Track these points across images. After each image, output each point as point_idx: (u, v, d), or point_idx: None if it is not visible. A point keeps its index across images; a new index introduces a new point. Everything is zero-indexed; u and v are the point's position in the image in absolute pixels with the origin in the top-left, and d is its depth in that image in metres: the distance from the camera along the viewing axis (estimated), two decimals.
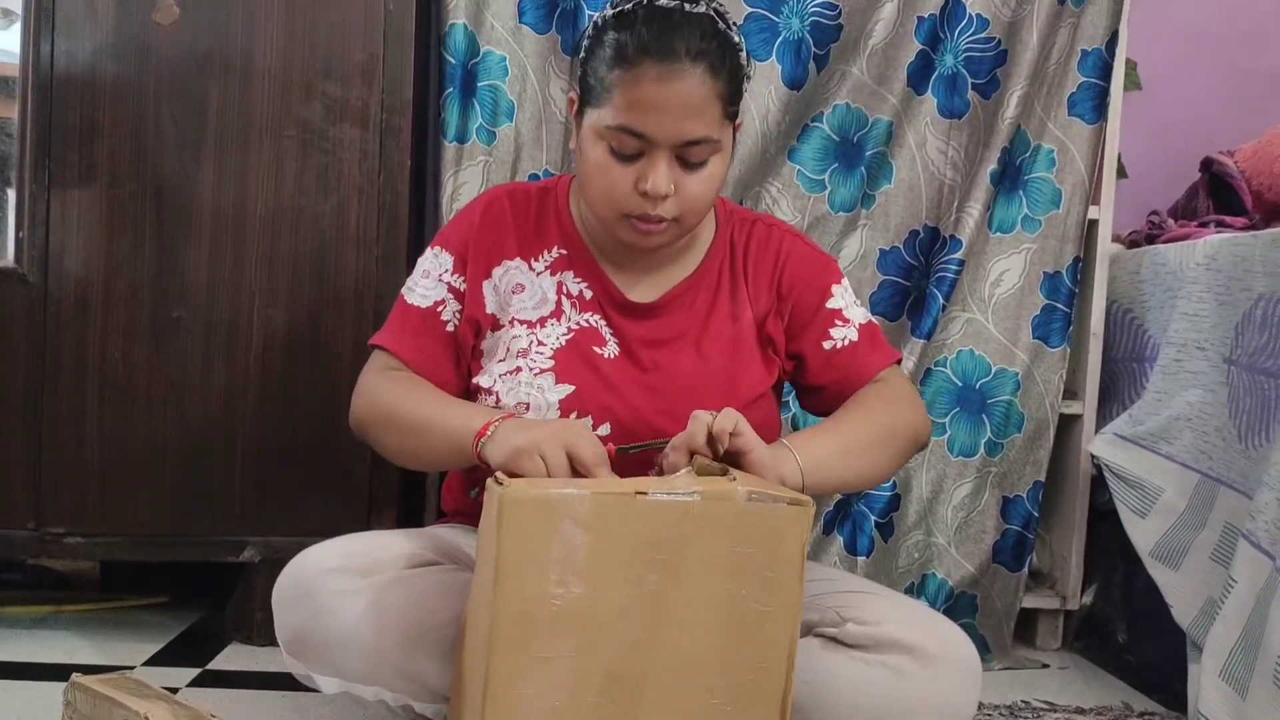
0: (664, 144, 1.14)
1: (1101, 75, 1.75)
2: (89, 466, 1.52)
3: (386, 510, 1.57)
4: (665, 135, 1.14)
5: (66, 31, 1.48)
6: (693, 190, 1.17)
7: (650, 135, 1.14)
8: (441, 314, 1.25)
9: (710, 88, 1.15)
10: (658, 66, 1.13)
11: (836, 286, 1.32)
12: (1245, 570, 1.26)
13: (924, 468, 1.77)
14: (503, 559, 0.92)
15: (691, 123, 1.14)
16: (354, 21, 1.52)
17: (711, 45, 1.15)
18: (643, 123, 1.13)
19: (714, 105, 1.16)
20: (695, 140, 1.15)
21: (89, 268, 1.51)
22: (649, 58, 1.13)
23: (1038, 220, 1.76)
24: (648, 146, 1.14)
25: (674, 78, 1.13)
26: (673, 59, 1.13)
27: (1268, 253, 1.38)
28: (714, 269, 1.30)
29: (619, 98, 1.14)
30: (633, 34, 1.14)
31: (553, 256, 1.27)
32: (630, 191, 1.16)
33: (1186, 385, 1.55)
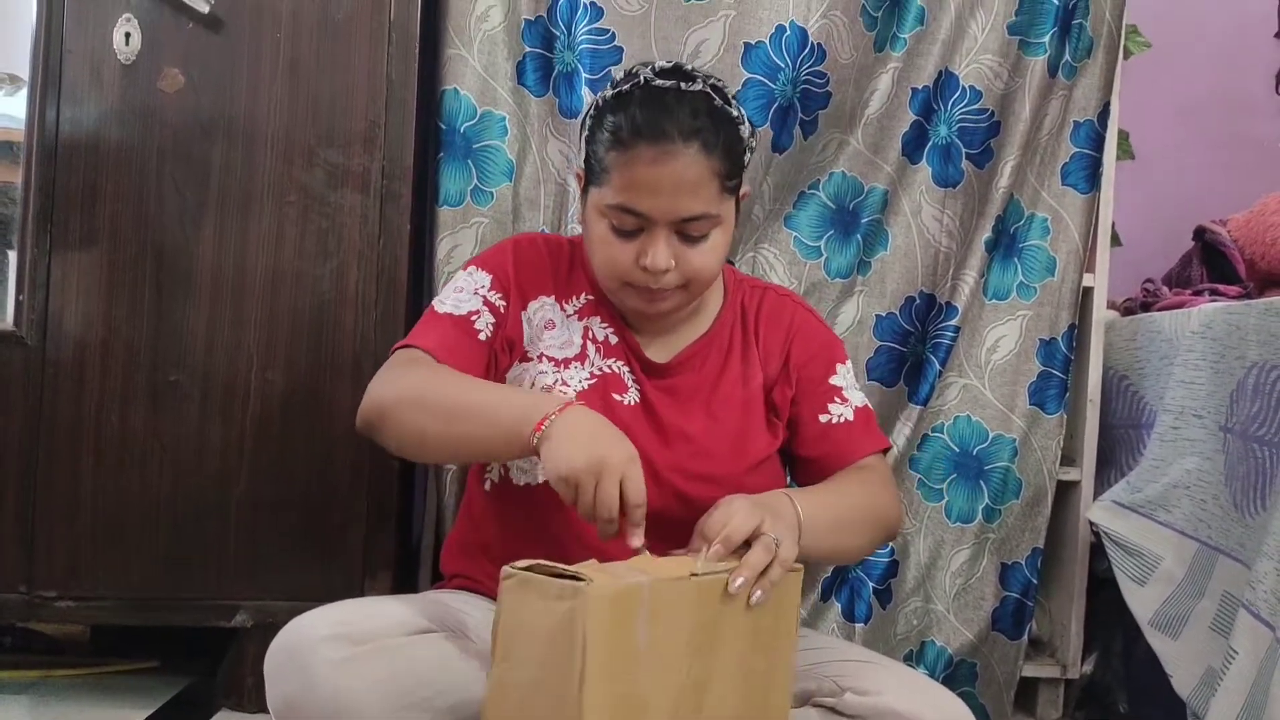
0: (661, 221, 1.17)
1: (1094, 146, 1.77)
2: (82, 530, 1.51)
3: (382, 574, 1.56)
4: (661, 214, 1.17)
5: (72, 98, 1.50)
6: (695, 262, 1.19)
7: (647, 214, 1.17)
8: (475, 323, 1.25)
9: (705, 166, 1.17)
10: (651, 149, 1.16)
11: (841, 366, 1.35)
12: (1246, 641, 1.25)
13: (921, 534, 1.76)
14: (591, 658, 0.90)
15: (686, 200, 1.17)
16: (357, 89, 1.54)
17: (706, 123, 1.18)
18: (639, 202, 1.16)
19: (710, 182, 1.18)
20: (692, 217, 1.17)
21: (87, 331, 1.51)
22: (642, 140, 1.16)
23: (1033, 287, 1.77)
24: (646, 224, 1.17)
25: (667, 159, 1.16)
26: (665, 140, 1.16)
27: (1261, 321, 1.39)
28: (725, 332, 1.32)
29: (616, 178, 1.17)
30: (627, 116, 1.17)
31: (582, 302, 1.30)
32: (632, 266, 1.19)
33: (1184, 453, 1.55)
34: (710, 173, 1.18)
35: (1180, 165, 2.44)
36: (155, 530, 1.53)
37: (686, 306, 1.26)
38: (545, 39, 1.68)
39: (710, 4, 1.64)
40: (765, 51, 1.64)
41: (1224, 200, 2.16)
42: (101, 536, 1.52)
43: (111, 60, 1.50)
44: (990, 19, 1.72)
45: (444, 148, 1.65)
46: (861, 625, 1.74)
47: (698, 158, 1.17)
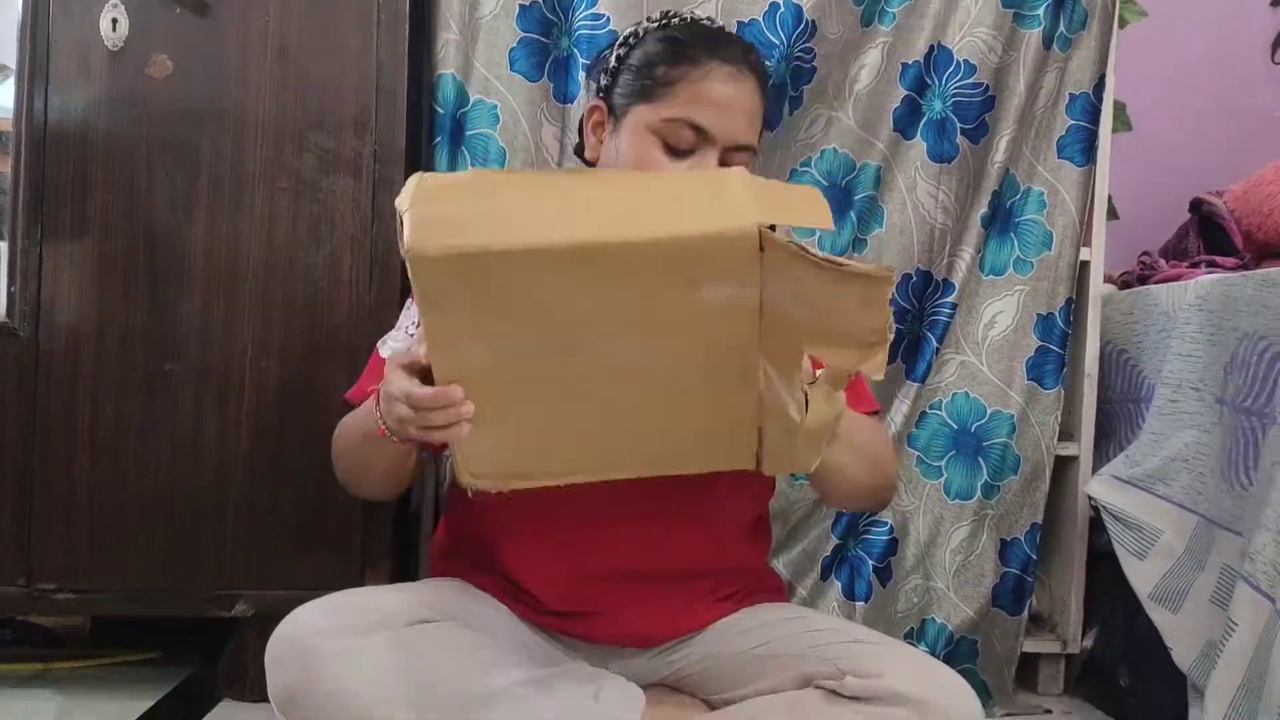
0: (720, 142, 1.17)
1: (1090, 119, 1.76)
2: (80, 521, 1.51)
3: (381, 564, 1.56)
4: (724, 133, 1.16)
5: (60, 87, 1.49)
6: None
7: (711, 130, 1.16)
8: None
9: (760, 101, 1.20)
10: (726, 67, 1.17)
11: None
12: (1245, 613, 1.25)
13: (920, 511, 1.77)
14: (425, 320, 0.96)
15: (746, 127, 1.18)
16: (346, 74, 1.53)
17: (762, 65, 1.23)
18: (706, 117, 1.16)
19: (760, 117, 1.21)
20: (744, 145, 1.18)
21: (80, 321, 1.50)
22: (716, 58, 1.17)
23: (1029, 262, 1.77)
24: (702, 143, 1.17)
25: (740, 79, 1.18)
26: (738, 63, 1.18)
27: (1256, 293, 1.38)
28: None
29: (683, 92, 1.16)
30: (693, 37, 1.19)
31: None
32: None
33: (1182, 426, 1.55)
34: (761, 109, 1.21)
35: (1177, 136, 2.42)
36: (153, 521, 1.53)
37: None
38: (542, 25, 1.66)
39: None
40: (759, 29, 1.63)
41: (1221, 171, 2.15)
42: (100, 528, 1.52)
43: (99, 47, 1.49)
44: None
45: (439, 133, 1.64)
46: (862, 604, 1.74)
47: (757, 90, 1.20)
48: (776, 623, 1.24)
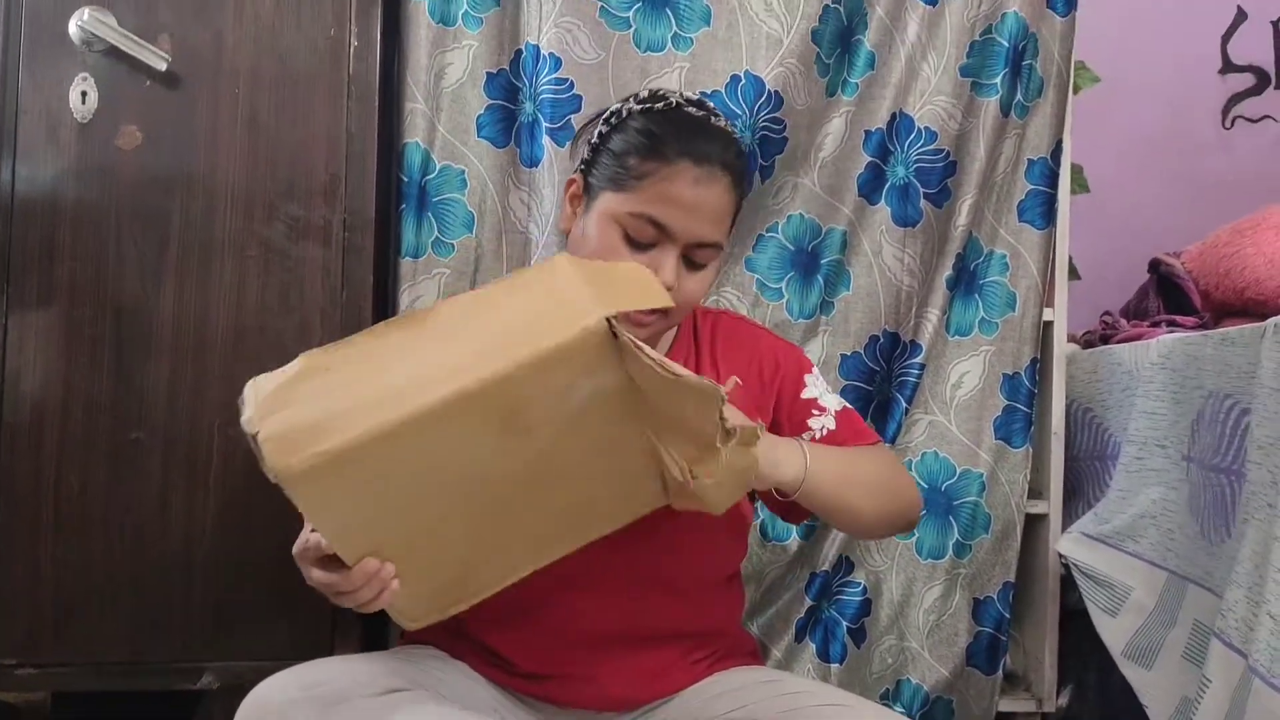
0: (680, 241, 1.18)
1: (1048, 183, 1.80)
2: (42, 595, 1.48)
3: (350, 632, 1.53)
4: (686, 233, 1.18)
5: (28, 157, 1.49)
6: (689, 289, 1.20)
7: (672, 230, 1.17)
8: None
9: (731, 198, 1.22)
10: (695, 169, 1.18)
11: (809, 375, 1.35)
12: (1219, 669, 1.25)
13: (893, 570, 1.77)
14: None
15: (710, 227, 1.19)
16: (316, 143, 1.54)
17: (736, 159, 1.23)
18: (669, 217, 1.17)
19: (729, 215, 1.23)
20: (708, 243, 1.19)
21: (46, 391, 1.49)
22: (687, 159, 1.18)
23: (994, 323, 1.79)
24: (663, 239, 1.18)
25: (709, 182, 1.18)
26: (709, 165, 1.19)
27: (1217, 351, 1.41)
28: (679, 359, 1.32)
29: (650, 189, 1.17)
30: (671, 131, 1.20)
31: None
32: None
33: (1149, 483, 1.56)
34: (732, 206, 1.23)
35: (1133, 198, 2.48)
36: (118, 592, 1.50)
37: (656, 338, 1.26)
38: (507, 91, 1.69)
39: (665, 56, 1.66)
40: (721, 100, 1.66)
41: (1177, 232, 2.20)
42: (63, 600, 1.49)
43: (68, 119, 1.49)
44: (942, 61, 1.75)
45: (405, 200, 1.66)
46: (837, 665, 1.74)
47: (730, 189, 1.21)
48: (751, 686, 1.23)
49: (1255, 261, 1.85)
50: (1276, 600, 1.14)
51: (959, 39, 1.75)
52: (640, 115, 1.23)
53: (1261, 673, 1.13)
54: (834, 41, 1.72)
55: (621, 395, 0.95)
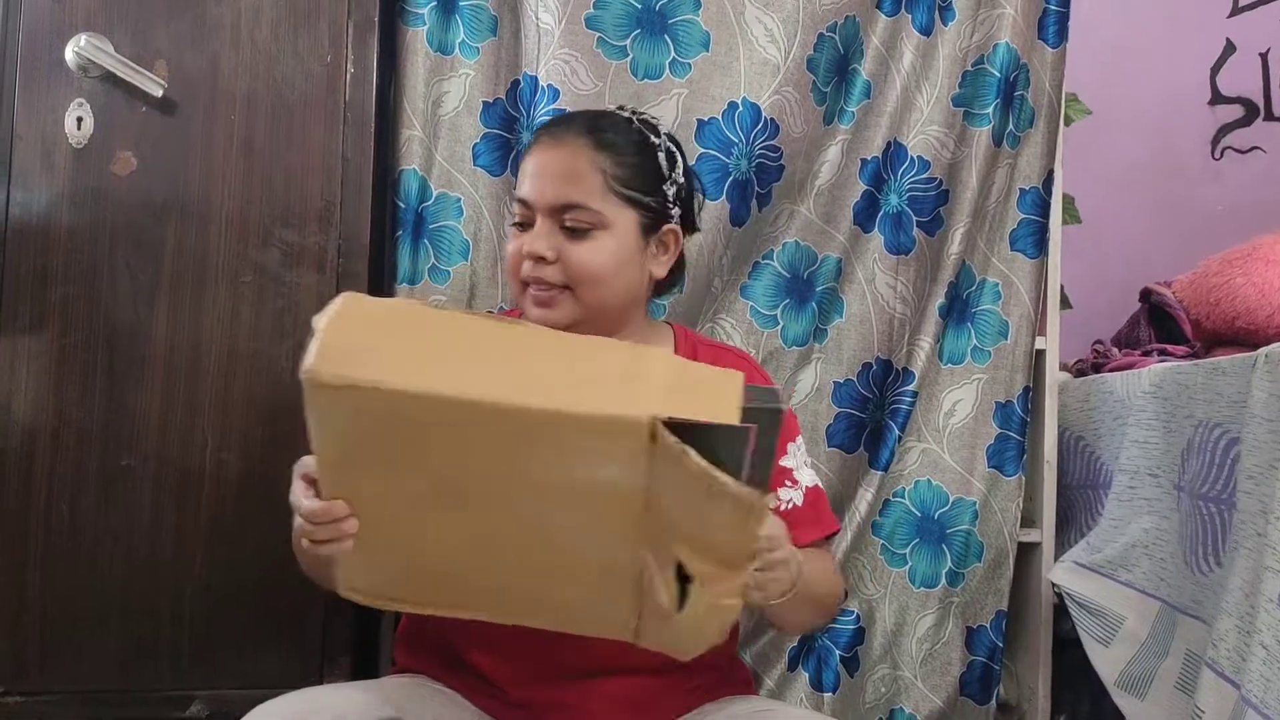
0: (542, 207, 1.22)
1: (1040, 212, 1.81)
2: (30, 623, 1.47)
3: (340, 659, 1.52)
4: (539, 198, 1.23)
5: (23, 182, 1.49)
6: (576, 258, 1.22)
7: (528, 199, 1.23)
8: None
9: (589, 158, 1.23)
10: (544, 138, 1.26)
11: (791, 444, 1.35)
12: (1211, 699, 1.25)
13: (886, 599, 1.76)
14: None
15: (564, 187, 1.22)
16: (312, 169, 1.55)
17: (606, 127, 1.26)
18: (524, 189, 1.24)
19: (592, 175, 1.22)
20: (569, 204, 1.21)
21: (37, 416, 1.48)
22: (541, 137, 1.27)
23: (987, 351, 1.80)
24: (530, 215, 1.23)
25: (554, 146, 1.24)
26: (559, 131, 1.25)
27: (1207, 380, 1.41)
28: None
29: (520, 174, 1.27)
30: (543, 125, 1.30)
31: None
32: (520, 258, 1.24)
33: (1141, 512, 1.56)
34: (594, 166, 1.23)
35: (1125, 228, 2.50)
36: (107, 621, 1.49)
37: (584, 318, 1.24)
38: (504, 120, 1.69)
39: (662, 83, 1.67)
40: (718, 127, 1.67)
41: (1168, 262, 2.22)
42: (51, 628, 1.48)
43: (63, 144, 1.50)
44: (935, 92, 1.76)
45: (401, 227, 1.66)
46: (830, 695, 1.73)
47: (583, 149, 1.23)
48: (744, 716, 1.22)
49: (1246, 291, 1.86)
50: (1269, 630, 1.14)
51: (951, 69, 1.77)
52: None
53: (1255, 704, 1.13)
54: (830, 70, 1.73)
55: (628, 501, 0.93)
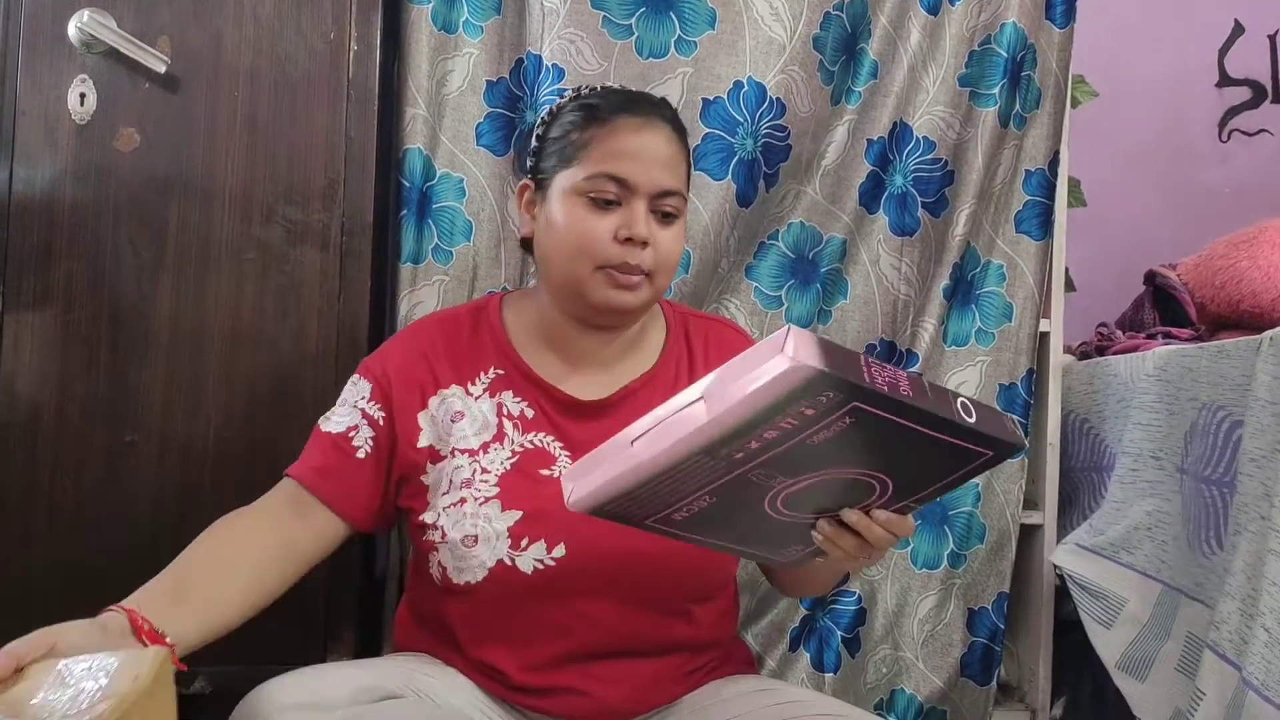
0: (642, 191, 1.19)
1: (1045, 194, 1.80)
2: (35, 597, 1.48)
3: (345, 636, 1.53)
4: (644, 181, 1.18)
5: (26, 159, 1.49)
6: (666, 244, 1.21)
7: (631, 180, 1.18)
8: (353, 439, 1.23)
9: (678, 145, 1.23)
10: (634, 119, 1.21)
11: None
12: (1212, 681, 1.25)
13: (889, 580, 1.76)
14: None
15: (666, 173, 1.20)
16: (316, 147, 1.54)
17: (673, 114, 1.26)
18: (622, 168, 1.18)
19: (680, 163, 1.23)
20: (669, 190, 1.20)
21: (41, 392, 1.49)
22: (624, 113, 1.21)
23: (990, 334, 1.79)
24: (626, 195, 1.19)
25: (650, 128, 1.21)
26: (646, 113, 1.22)
27: (1212, 364, 1.41)
28: (670, 367, 1.31)
29: (596, 151, 1.19)
30: (602, 98, 1.24)
31: (489, 378, 1.26)
32: (609, 240, 1.18)
33: (1143, 494, 1.56)
34: (681, 154, 1.23)
35: (1130, 211, 2.49)
36: (111, 596, 1.49)
37: (646, 308, 1.25)
38: (508, 99, 1.69)
39: (667, 61, 1.66)
40: (724, 106, 1.66)
41: (1173, 245, 2.21)
42: (56, 603, 1.48)
43: (66, 121, 1.49)
44: (941, 72, 1.76)
45: (406, 206, 1.65)
46: (831, 675, 1.73)
47: (672, 135, 1.23)
48: (746, 695, 1.23)
49: (1251, 274, 1.86)
50: (1271, 613, 1.15)
51: (958, 49, 1.76)
52: (571, 102, 1.27)
53: (1255, 685, 1.13)
54: (837, 49, 1.72)
55: None
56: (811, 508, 0.98)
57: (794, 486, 0.94)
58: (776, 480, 0.93)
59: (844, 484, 0.95)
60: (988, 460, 0.92)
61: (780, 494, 0.95)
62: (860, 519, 0.96)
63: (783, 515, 0.98)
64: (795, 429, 0.86)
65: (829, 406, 0.84)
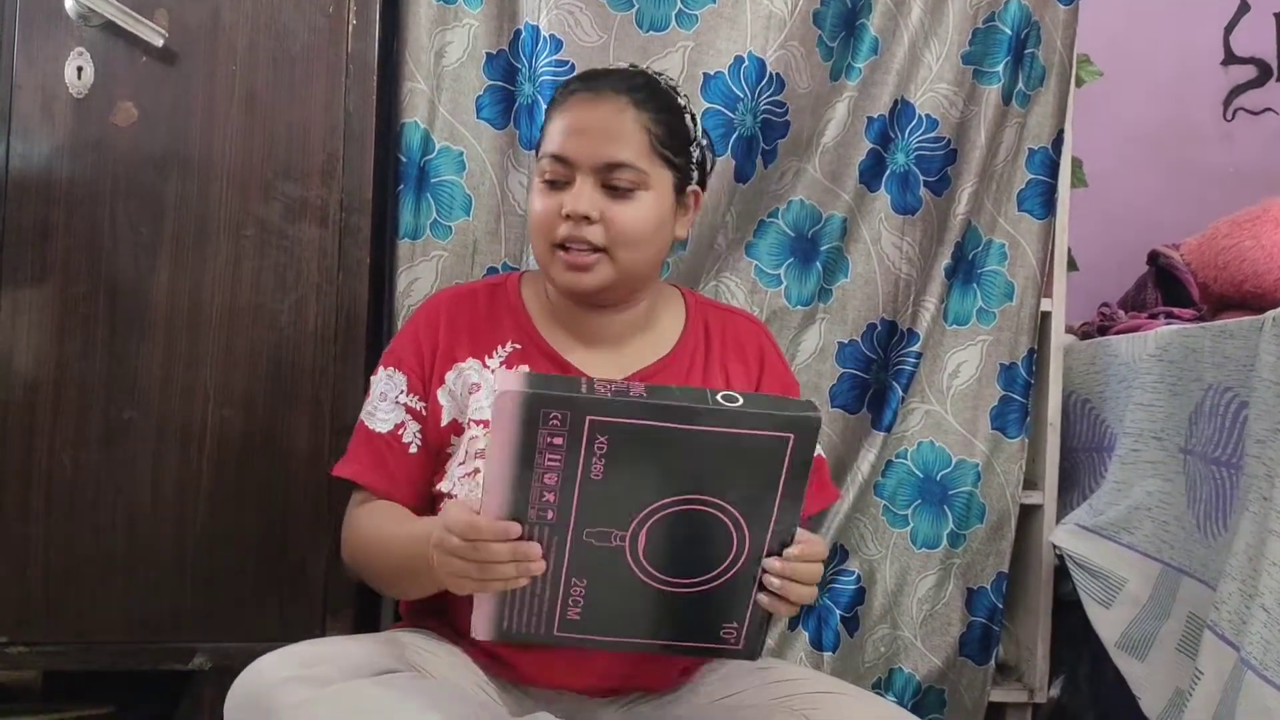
0: (585, 166, 1.19)
1: (1049, 173, 1.79)
2: (33, 574, 1.47)
3: (343, 612, 1.53)
4: (585, 156, 1.19)
5: (22, 133, 1.48)
6: (620, 219, 1.20)
7: (571, 157, 1.19)
8: (403, 436, 1.25)
9: (633, 116, 1.20)
10: (583, 94, 1.22)
11: None
12: (1211, 661, 1.25)
13: (887, 560, 1.76)
14: None
15: (611, 146, 1.19)
16: (314, 122, 1.53)
17: (642, 85, 1.23)
18: (564, 145, 1.19)
19: (638, 134, 1.20)
20: (616, 163, 1.19)
21: (39, 370, 1.48)
22: (576, 92, 1.22)
23: (992, 313, 1.79)
24: (571, 173, 1.19)
25: (597, 101, 1.20)
26: (596, 87, 1.22)
27: (1215, 344, 1.40)
28: (687, 354, 1.31)
29: (551, 131, 1.22)
30: (569, 81, 1.27)
31: (507, 351, 1.27)
32: (557, 219, 1.20)
33: (1144, 475, 1.56)
34: (639, 125, 1.21)
35: (1133, 191, 2.48)
36: (109, 571, 1.50)
37: (616, 283, 1.23)
38: (506, 72, 1.67)
39: (668, 35, 1.65)
40: (724, 81, 1.65)
41: (1176, 225, 2.20)
42: (54, 580, 1.48)
43: (63, 94, 1.48)
44: (944, 49, 1.74)
45: (403, 181, 1.64)
46: (830, 654, 1.74)
47: (627, 106, 1.20)
48: (745, 673, 1.23)
49: (1254, 254, 1.85)
50: (1270, 593, 1.14)
51: (961, 25, 1.74)
52: (561, 85, 1.29)
53: (1254, 665, 1.13)
54: (837, 24, 1.71)
55: None
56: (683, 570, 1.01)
57: (639, 541, 0.98)
58: (614, 536, 0.97)
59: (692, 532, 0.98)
60: (798, 443, 0.94)
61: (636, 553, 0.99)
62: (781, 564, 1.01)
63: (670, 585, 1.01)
64: (562, 463, 0.93)
65: (568, 428, 0.91)
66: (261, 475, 1.52)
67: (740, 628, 1.05)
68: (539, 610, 1.00)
